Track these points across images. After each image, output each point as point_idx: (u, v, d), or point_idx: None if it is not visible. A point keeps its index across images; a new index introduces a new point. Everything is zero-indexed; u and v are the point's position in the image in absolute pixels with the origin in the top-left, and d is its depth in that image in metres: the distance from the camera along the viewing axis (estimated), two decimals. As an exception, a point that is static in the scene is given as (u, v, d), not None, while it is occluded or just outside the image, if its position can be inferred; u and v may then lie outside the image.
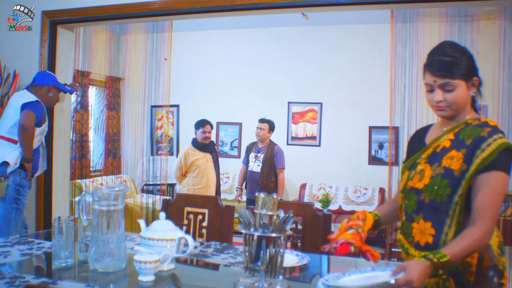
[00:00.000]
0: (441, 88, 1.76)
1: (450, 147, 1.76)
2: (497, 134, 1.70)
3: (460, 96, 1.75)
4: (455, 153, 1.73)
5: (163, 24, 6.05)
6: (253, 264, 1.59)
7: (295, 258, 2.07)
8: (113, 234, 1.82)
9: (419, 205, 1.76)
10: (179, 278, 1.87)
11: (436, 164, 1.76)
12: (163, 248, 1.83)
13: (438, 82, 1.75)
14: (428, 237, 1.75)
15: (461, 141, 1.74)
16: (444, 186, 1.70)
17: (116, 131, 7.80)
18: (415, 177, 1.81)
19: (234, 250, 2.25)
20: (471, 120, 1.79)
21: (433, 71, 1.76)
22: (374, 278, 1.63)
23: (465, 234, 1.65)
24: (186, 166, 5.42)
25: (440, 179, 1.72)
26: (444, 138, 1.79)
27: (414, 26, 4.36)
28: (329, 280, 1.66)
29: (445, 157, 1.74)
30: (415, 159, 1.85)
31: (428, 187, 1.75)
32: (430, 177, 1.75)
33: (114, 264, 1.81)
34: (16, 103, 3.70)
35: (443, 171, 1.72)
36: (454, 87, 1.74)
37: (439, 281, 1.71)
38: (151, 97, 6.79)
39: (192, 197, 2.86)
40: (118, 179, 7.31)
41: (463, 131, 1.76)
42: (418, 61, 4.36)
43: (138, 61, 6.88)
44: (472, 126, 1.76)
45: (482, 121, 1.78)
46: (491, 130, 1.72)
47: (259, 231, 1.55)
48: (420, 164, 1.82)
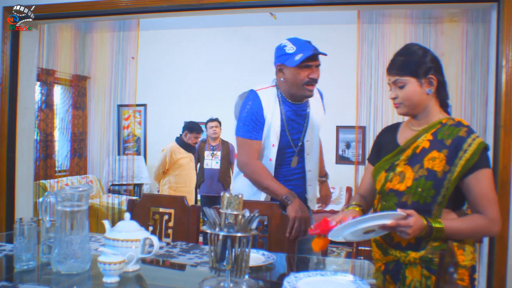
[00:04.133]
0: (394, 85, 1.83)
1: (430, 148, 1.79)
2: (473, 133, 1.77)
3: (411, 93, 1.81)
4: (436, 154, 1.76)
5: (130, 23, 5.99)
6: (218, 264, 1.59)
7: (261, 258, 2.08)
8: (77, 236, 1.79)
9: (400, 206, 1.76)
10: (145, 279, 1.85)
11: (418, 166, 1.78)
12: (128, 249, 1.81)
13: (391, 80, 1.84)
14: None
15: (440, 141, 1.78)
16: (428, 188, 1.74)
17: (82, 130, 7.67)
18: (394, 179, 1.83)
19: (200, 250, 2.24)
20: (445, 120, 1.83)
21: (388, 70, 1.86)
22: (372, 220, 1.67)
23: (470, 218, 1.75)
24: (170, 164, 5.45)
25: (424, 180, 1.75)
26: (422, 138, 1.82)
27: (380, 27, 4.43)
28: (293, 280, 1.67)
29: (426, 158, 1.77)
30: (393, 160, 1.87)
31: (411, 189, 1.77)
32: (413, 179, 1.77)
33: (78, 266, 1.78)
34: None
35: (426, 172, 1.75)
36: (404, 83, 1.81)
37: (422, 279, 1.75)
38: (118, 96, 6.71)
39: (158, 197, 2.84)
40: (84, 179, 7.19)
41: (440, 131, 1.80)
42: (384, 61, 4.42)
43: (104, 60, 6.78)
44: (448, 126, 1.80)
45: (456, 121, 1.83)
46: (467, 130, 1.78)
47: (224, 231, 1.55)
48: (399, 166, 1.83)
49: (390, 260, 1.84)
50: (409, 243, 1.78)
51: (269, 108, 2.52)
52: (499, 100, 3.06)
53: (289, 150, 2.57)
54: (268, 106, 2.53)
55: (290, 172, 2.60)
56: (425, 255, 1.75)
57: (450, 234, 1.71)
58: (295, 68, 2.43)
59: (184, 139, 5.49)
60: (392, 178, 1.83)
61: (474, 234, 1.78)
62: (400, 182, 1.80)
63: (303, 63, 2.42)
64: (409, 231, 1.63)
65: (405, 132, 1.92)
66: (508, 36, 3.01)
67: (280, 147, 2.54)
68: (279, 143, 2.53)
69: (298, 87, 2.46)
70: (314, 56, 2.44)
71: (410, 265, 1.78)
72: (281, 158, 2.56)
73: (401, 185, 1.80)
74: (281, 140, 2.53)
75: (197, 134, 5.47)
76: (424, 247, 1.76)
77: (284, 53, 2.48)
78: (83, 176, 7.36)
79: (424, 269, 1.76)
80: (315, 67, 2.46)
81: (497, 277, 3.09)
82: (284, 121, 2.53)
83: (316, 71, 2.45)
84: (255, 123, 2.52)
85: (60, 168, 7.31)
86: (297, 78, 2.44)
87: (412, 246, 1.78)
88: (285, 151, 2.56)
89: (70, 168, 7.51)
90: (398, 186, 1.81)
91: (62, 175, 7.23)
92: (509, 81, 3.02)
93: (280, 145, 2.53)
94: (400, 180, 1.81)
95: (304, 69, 2.43)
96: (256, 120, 2.52)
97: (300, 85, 2.45)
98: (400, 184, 1.80)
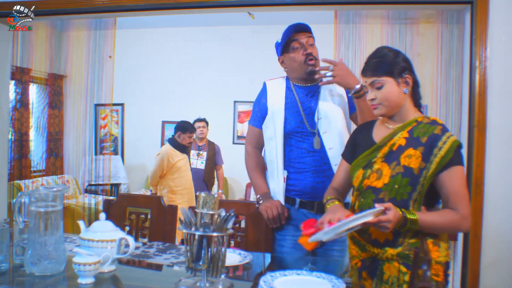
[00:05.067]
0: (372, 87, 1.85)
1: (406, 145, 1.82)
2: (448, 132, 1.81)
3: (389, 93, 1.84)
4: (412, 151, 1.79)
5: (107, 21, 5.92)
6: (194, 264, 1.58)
7: (237, 257, 2.08)
8: (51, 236, 1.76)
9: (378, 203, 1.77)
10: (120, 279, 1.83)
11: (395, 163, 1.81)
12: (103, 249, 1.80)
13: (368, 81, 1.86)
14: (388, 233, 1.80)
15: (416, 139, 1.81)
16: (405, 185, 1.77)
17: (58, 130, 7.56)
18: (371, 176, 1.85)
19: (176, 250, 2.23)
20: (421, 118, 1.87)
21: (363, 72, 1.89)
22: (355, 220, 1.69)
23: (442, 212, 1.79)
24: (168, 168, 5.23)
25: (401, 177, 1.77)
26: (399, 136, 1.85)
27: (357, 27, 4.46)
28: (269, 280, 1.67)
29: (403, 156, 1.80)
30: (370, 157, 1.89)
31: (388, 185, 1.79)
32: (390, 176, 1.80)
33: (52, 267, 1.76)
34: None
35: (403, 169, 1.78)
36: (381, 84, 1.83)
37: (399, 275, 1.78)
38: (95, 96, 6.64)
39: (135, 197, 2.83)
40: (60, 180, 7.09)
41: (416, 129, 1.83)
42: (360, 61, 4.45)
43: (80, 59, 6.70)
44: (423, 124, 1.84)
45: (431, 119, 1.87)
46: (442, 128, 1.82)
47: (200, 231, 1.55)
48: (377, 163, 1.86)
49: (368, 256, 1.87)
50: (386, 240, 1.81)
51: (273, 95, 2.55)
52: (473, 100, 3.11)
53: (307, 133, 2.48)
54: (272, 93, 2.56)
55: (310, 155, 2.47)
56: (402, 252, 1.78)
57: (424, 227, 1.74)
58: (289, 53, 2.47)
59: (178, 140, 5.37)
60: (370, 175, 1.86)
61: (446, 229, 1.81)
62: (378, 179, 1.83)
63: (290, 44, 2.46)
64: (389, 225, 1.66)
65: (381, 130, 1.95)
66: (481, 38, 3.06)
67: (293, 130, 2.48)
68: (290, 125, 2.48)
69: (300, 67, 2.47)
70: (296, 33, 2.46)
71: (387, 262, 1.81)
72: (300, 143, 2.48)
73: (379, 182, 1.82)
74: (291, 122, 2.48)
75: (190, 134, 5.38)
76: (402, 243, 1.79)
77: (277, 45, 2.55)
78: (59, 176, 7.27)
79: (401, 265, 1.78)
80: (307, 45, 2.46)
81: (471, 274, 3.14)
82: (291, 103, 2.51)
83: (309, 48, 2.46)
84: (258, 110, 2.59)
85: (36, 168, 7.20)
86: (294, 60, 2.47)
87: (389, 242, 1.80)
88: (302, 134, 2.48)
89: (46, 168, 7.40)
90: (375, 183, 1.83)
91: (37, 175, 7.12)
92: (482, 82, 3.07)
93: (291, 128, 2.48)
94: (377, 177, 1.83)
95: (296, 50, 2.46)
96: (259, 108, 2.58)
97: (300, 65, 2.46)
98: (378, 181, 1.82)
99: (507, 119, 3.11)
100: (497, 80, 3.09)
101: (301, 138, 2.46)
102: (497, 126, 3.10)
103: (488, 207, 3.13)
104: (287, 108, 2.49)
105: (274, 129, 2.48)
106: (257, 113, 2.59)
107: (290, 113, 2.48)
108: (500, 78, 3.09)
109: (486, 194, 3.12)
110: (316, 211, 2.42)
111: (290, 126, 2.47)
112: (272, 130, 2.49)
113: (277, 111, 2.49)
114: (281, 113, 2.48)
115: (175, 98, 7.64)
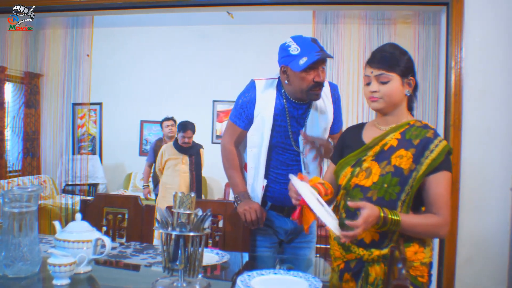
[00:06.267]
0: (376, 79, 1.82)
1: (398, 146, 1.81)
2: (439, 136, 1.82)
3: (393, 90, 1.82)
4: (404, 152, 1.79)
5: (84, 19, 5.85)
6: (171, 264, 1.58)
7: (215, 257, 2.08)
8: (26, 238, 1.74)
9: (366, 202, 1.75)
10: (97, 280, 1.82)
11: (385, 162, 1.80)
12: (79, 250, 1.78)
13: (375, 72, 1.82)
14: (374, 234, 1.79)
15: (409, 140, 1.81)
16: (394, 184, 1.76)
17: (35, 129, 7.44)
18: (360, 174, 1.83)
19: (154, 250, 2.22)
20: (413, 121, 1.87)
21: (371, 63, 1.84)
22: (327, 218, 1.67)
23: (426, 216, 1.78)
24: (161, 164, 5.44)
25: (391, 177, 1.77)
26: (391, 137, 1.84)
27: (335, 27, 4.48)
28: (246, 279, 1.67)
29: (394, 156, 1.80)
30: (360, 156, 1.88)
31: (377, 184, 1.78)
32: (379, 174, 1.79)
33: (27, 269, 1.74)
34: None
35: (393, 169, 1.78)
36: (388, 79, 1.81)
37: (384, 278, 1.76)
38: (72, 95, 6.55)
39: (112, 197, 2.80)
40: (37, 180, 6.99)
41: (408, 131, 1.84)
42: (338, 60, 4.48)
43: (57, 57, 6.59)
44: (416, 127, 1.84)
45: (423, 123, 1.87)
46: (434, 132, 1.83)
47: (176, 230, 1.54)
48: (366, 161, 1.85)
49: (352, 258, 1.85)
50: (373, 241, 1.80)
51: (262, 100, 2.43)
52: (448, 100, 3.15)
53: (290, 148, 2.46)
54: (262, 99, 2.43)
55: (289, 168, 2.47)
56: (388, 253, 1.74)
57: (406, 229, 1.73)
58: (300, 72, 2.27)
59: (179, 141, 5.44)
60: (359, 174, 1.84)
61: (426, 232, 1.80)
62: (366, 177, 1.81)
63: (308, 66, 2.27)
64: (359, 231, 1.62)
65: (372, 131, 1.94)
66: (456, 38, 3.11)
67: (276, 144, 2.45)
68: (275, 138, 2.44)
69: (304, 91, 2.32)
70: (320, 60, 2.28)
71: (373, 263, 1.80)
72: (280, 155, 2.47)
73: (367, 180, 1.81)
74: (277, 136, 2.44)
75: (184, 133, 5.37)
76: (388, 245, 1.78)
77: (288, 54, 2.30)
78: (36, 176, 7.16)
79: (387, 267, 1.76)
80: (321, 69, 2.30)
81: (447, 272, 3.19)
82: (280, 116, 2.43)
83: (322, 74, 2.30)
84: (243, 111, 2.47)
85: (12, 168, 7.08)
86: (302, 82, 2.30)
87: (376, 243, 1.79)
88: (285, 148, 2.46)
89: (23, 168, 7.29)
90: (364, 181, 1.82)
91: (13, 175, 7.01)
92: (458, 82, 3.12)
93: (275, 141, 2.44)
94: (366, 176, 1.82)
95: (309, 72, 2.27)
96: (245, 108, 2.46)
97: (306, 90, 2.31)
98: (366, 179, 1.81)
99: (482, 118, 3.16)
100: (472, 80, 3.14)
101: (282, 151, 2.46)
102: (472, 126, 3.15)
103: (463, 206, 3.18)
104: (275, 120, 2.42)
105: (261, 139, 2.43)
106: (241, 113, 2.49)
107: (278, 126, 2.43)
108: (475, 78, 3.14)
109: (461, 193, 3.17)
110: (284, 214, 2.50)
111: (275, 140, 2.44)
112: (258, 139, 2.45)
113: (266, 122, 2.41)
114: (269, 124, 2.41)
115: (154, 97, 7.60)
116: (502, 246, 3.16)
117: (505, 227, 3.15)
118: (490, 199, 3.17)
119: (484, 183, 3.17)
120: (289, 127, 2.43)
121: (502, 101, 3.13)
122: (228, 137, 2.58)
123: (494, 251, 3.17)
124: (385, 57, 1.82)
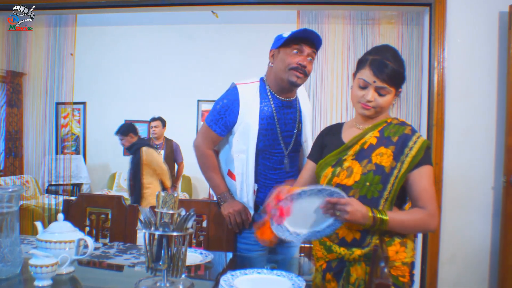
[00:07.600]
0: (375, 89, 1.81)
1: (377, 144, 1.83)
2: (417, 132, 1.84)
3: (388, 102, 1.84)
4: (384, 150, 1.80)
5: (67, 18, 5.79)
6: (154, 264, 1.57)
7: (199, 257, 2.07)
8: (6, 238, 1.72)
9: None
10: (79, 280, 1.80)
11: (366, 161, 1.80)
12: (61, 250, 1.76)
13: (377, 84, 1.80)
14: (355, 233, 1.79)
15: (387, 138, 1.82)
16: (376, 182, 1.76)
17: (17, 129, 7.35)
18: (341, 174, 1.83)
19: (137, 250, 2.21)
20: (390, 119, 1.89)
21: (377, 73, 1.80)
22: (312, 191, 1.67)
23: (413, 211, 1.78)
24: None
25: (372, 175, 1.77)
26: (370, 135, 1.85)
27: (320, 27, 4.48)
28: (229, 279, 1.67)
29: (374, 154, 1.81)
30: (340, 156, 1.87)
31: (359, 183, 1.78)
32: (361, 173, 1.79)
33: (7, 270, 1.71)
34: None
35: (374, 167, 1.78)
36: (387, 93, 1.82)
37: (365, 278, 1.77)
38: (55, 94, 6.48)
39: (95, 197, 2.78)
40: (19, 180, 6.91)
41: (387, 129, 1.85)
42: (322, 60, 4.49)
43: (40, 56, 6.51)
44: (393, 125, 1.86)
45: (400, 121, 1.89)
46: (411, 129, 1.85)
47: (159, 230, 1.53)
48: (347, 161, 1.84)
49: (334, 258, 1.84)
50: (354, 240, 1.79)
51: (245, 107, 2.38)
52: (431, 99, 3.18)
53: (279, 151, 2.44)
54: (245, 105, 2.38)
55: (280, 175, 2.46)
56: (369, 253, 1.76)
57: (394, 227, 1.74)
58: (286, 52, 2.29)
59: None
60: (340, 173, 1.84)
61: (416, 228, 1.81)
62: (348, 176, 1.81)
63: (294, 45, 2.27)
64: (348, 209, 1.65)
65: (351, 131, 1.95)
66: (439, 39, 3.14)
67: (264, 147, 2.41)
68: (262, 142, 2.40)
69: (285, 71, 2.29)
70: (305, 40, 2.28)
71: (354, 263, 1.80)
72: (267, 160, 2.44)
73: (349, 179, 1.80)
74: (264, 140, 2.40)
75: (121, 137, 5.24)
76: (369, 244, 1.78)
77: (279, 38, 2.34)
78: (19, 176, 7.08)
79: (368, 266, 1.77)
80: (307, 58, 2.30)
81: (429, 270, 3.22)
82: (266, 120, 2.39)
83: (308, 64, 2.30)
84: (221, 117, 2.40)
85: (-7, 169, 7.00)
86: (285, 61, 2.29)
87: (357, 242, 1.79)
88: (272, 152, 2.43)
89: (5, 168, 7.20)
90: (345, 180, 1.81)
91: (-5, 175, 6.93)
92: (440, 82, 3.15)
93: (263, 145, 2.40)
94: (347, 175, 1.81)
95: (294, 55, 2.28)
96: (224, 115, 2.40)
97: (287, 68, 2.29)
98: (348, 178, 1.81)
99: (464, 118, 3.20)
100: (455, 80, 3.18)
101: (269, 155, 2.42)
102: (454, 125, 3.19)
103: (446, 204, 3.21)
104: (261, 124, 2.38)
105: (247, 145, 2.39)
106: (219, 119, 2.42)
107: (264, 130, 2.38)
108: (457, 79, 3.18)
109: (444, 192, 3.20)
110: None
111: (262, 144, 2.39)
112: (243, 144, 2.40)
113: (251, 127, 2.37)
114: (255, 129, 2.37)
115: (138, 96, 7.57)
116: (484, 244, 3.20)
117: (487, 226, 3.19)
118: (472, 198, 3.20)
119: (467, 182, 3.21)
120: (278, 129, 2.41)
121: (484, 101, 3.17)
122: (202, 139, 2.52)
123: (476, 249, 3.21)
124: (393, 70, 1.79)
